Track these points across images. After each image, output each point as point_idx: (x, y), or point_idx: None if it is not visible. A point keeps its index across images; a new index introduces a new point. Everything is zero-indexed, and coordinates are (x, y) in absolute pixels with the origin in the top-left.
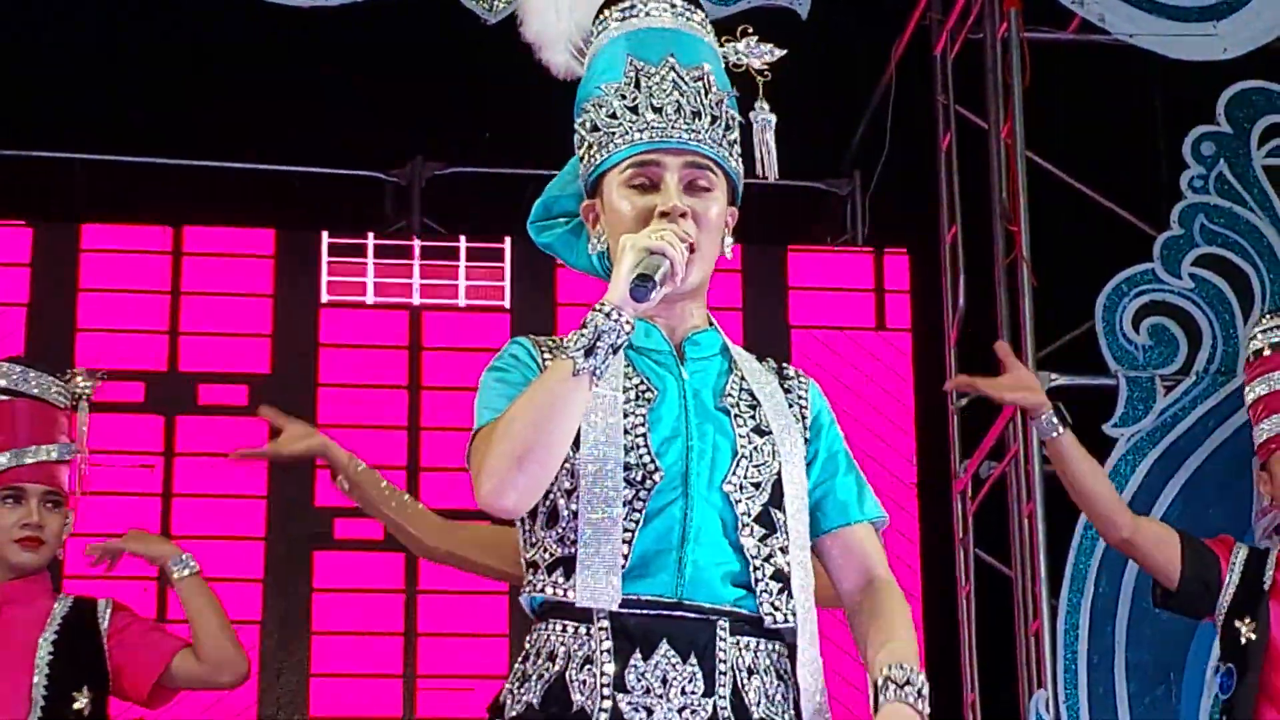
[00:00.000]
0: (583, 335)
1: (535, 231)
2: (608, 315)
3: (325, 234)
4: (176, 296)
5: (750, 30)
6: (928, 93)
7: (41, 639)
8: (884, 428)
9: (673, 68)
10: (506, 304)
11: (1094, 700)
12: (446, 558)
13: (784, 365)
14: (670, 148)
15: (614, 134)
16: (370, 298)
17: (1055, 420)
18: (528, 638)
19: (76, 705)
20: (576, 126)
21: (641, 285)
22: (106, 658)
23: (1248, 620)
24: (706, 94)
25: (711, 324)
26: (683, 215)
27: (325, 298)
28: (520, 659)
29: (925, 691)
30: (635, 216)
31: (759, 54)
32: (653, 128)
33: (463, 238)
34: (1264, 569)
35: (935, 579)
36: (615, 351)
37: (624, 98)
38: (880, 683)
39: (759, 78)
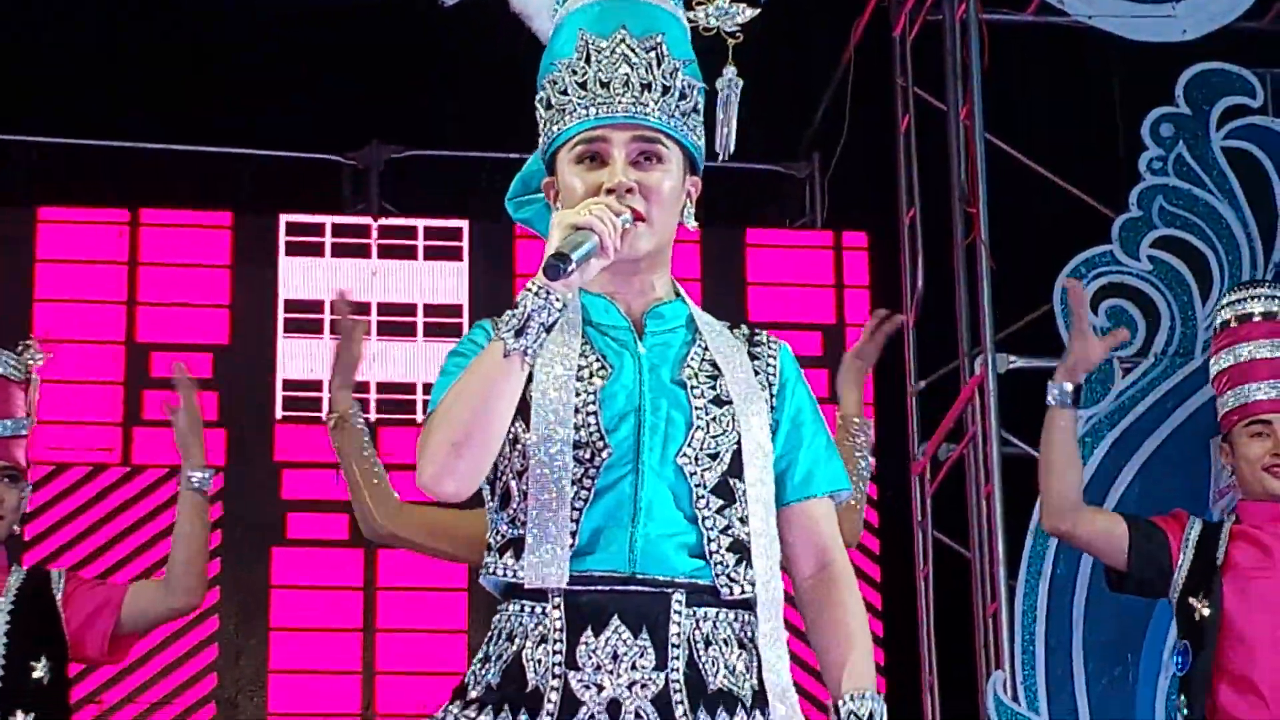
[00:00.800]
0: (514, 316)
1: (513, 208)
2: (536, 294)
3: (283, 217)
4: (134, 279)
5: None
6: (886, 75)
7: None
8: None
9: (624, 40)
10: (464, 288)
11: (1052, 681)
12: (391, 538)
13: (756, 332)
14: (617, 123)
15: (564, 111)
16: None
17: (1071, 392)
18: (494, 618)
19: (35, 674)
20: (536, 104)
21: (555, 264)
22: (63, 625)
23: (1201, 597)
24: (659, 64)
25: (678, 294)
26: (628, 191)
27: (283, 283)
28: (485, 640)
29: (884, 716)
30: (584, 192)
31: (730, 15)
32: (599, 103)
33: (420, 221)
34: (1217, 544)
35: (894, 561)
36: (548, 330)
37: (574, 73)
38: (844, 717)
39: (730, 40)
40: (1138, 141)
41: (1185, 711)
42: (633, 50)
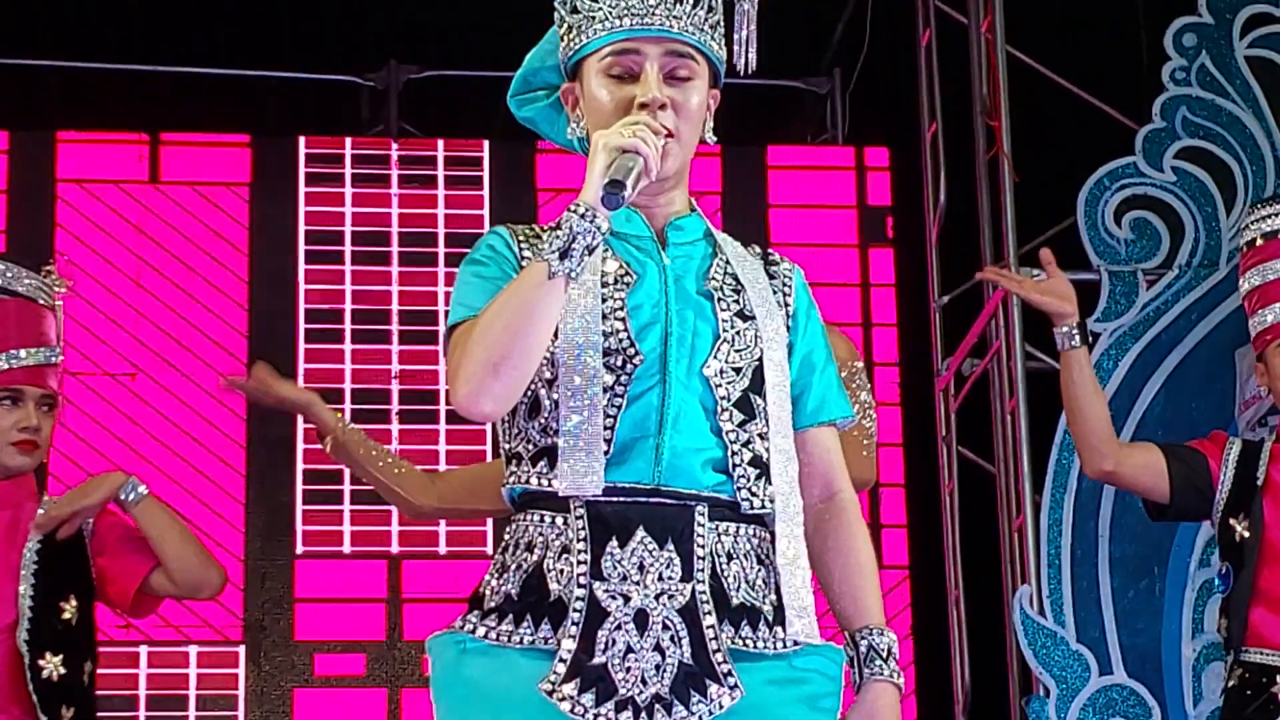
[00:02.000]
0: (557, 237)
1: (515, 105)
2: (582, 216)
3: (302, 139)
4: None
5: None
6: None
7: (26, 548)
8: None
9: None
10: (485, 210)
11: (1078, 595)
12: (436, 512)
13: (769, 252)
14: (651, 35)
15: (594, 18)
16: (349, 207)
17: (1075, 332)
18: (506, 529)
19: (65, 615)
20: (556, 3)
21: (613, 192)
22: (91, 564)
23: (1241, 518)
24: None
25: (694, 209)
26: (662, 107)
27: (303, 205)
28: (499, 550)
29: (895, 651)
30: (614, 106)
31: None
32: (633, 13)
33: (440, 142)
34: (1257, 464)
35: (918, 477)
36: (590, 252)
37: None
38: (864, 652)
39: None
40: (1160, 52)
41: (1224, 634)
42: None
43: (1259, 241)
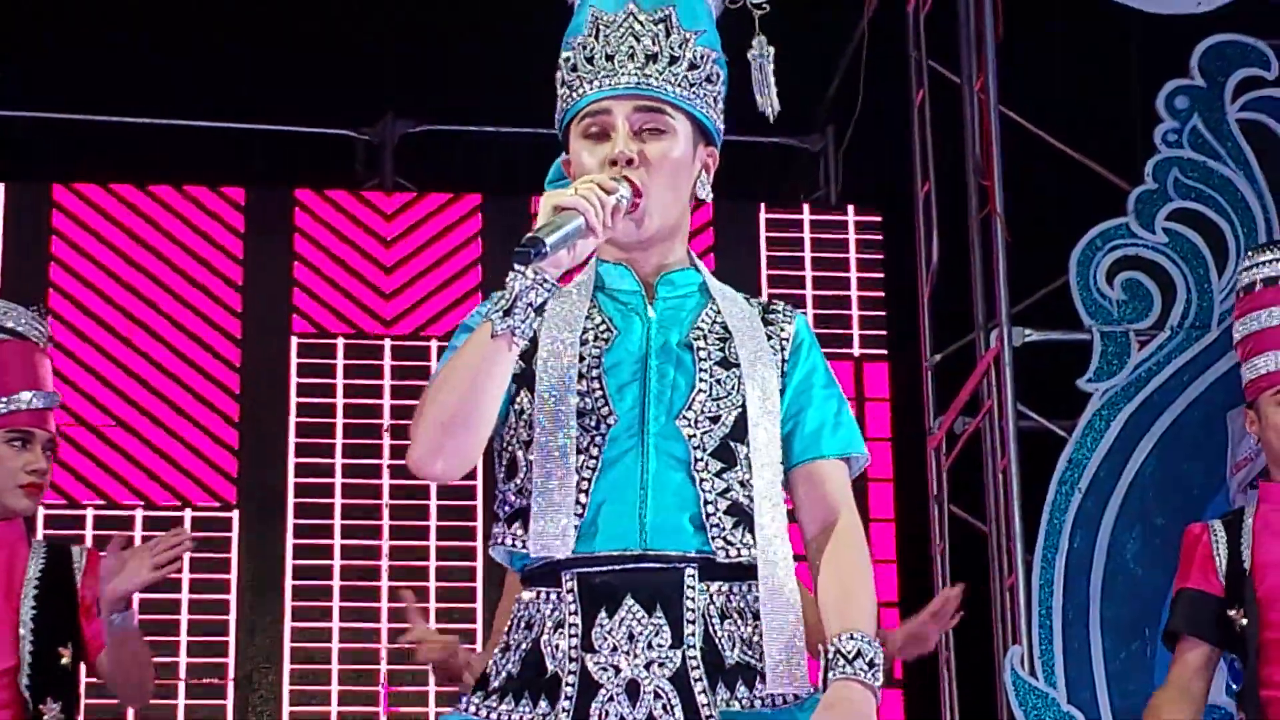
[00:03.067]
0: (502, 296)
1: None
2: (523, 274)
3: (298, 193)
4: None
5: None
6: (900, 48)
7: (24, 593)
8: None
9: (632, 14)
10: (479, 261)
11: (1069, 656)
12: None
13: (772, 303)
14: (619, 94)
15: (572, 87)
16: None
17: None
18: (514, 607)
19: (63, 661)
20: (557, 83)
21: (525, 250)
22: (79, 608)
23: (1238, 608)
24: (667, 35)
25: (693, 263)
26: (629, 162)
27: (297, 257)
28: (505, 630)
29: (879, 660)
30: (592, 166)
31: None
32: (603, 76)
33: (434, 195)
34: (1240, 545)
35: (909, 536)
36: (538, 311)
37: (584, 49)
38: (830, 657)
39: (755, 12)
40: (1152, 114)
41: None
42: (640, 23)
43: (1257, 287)
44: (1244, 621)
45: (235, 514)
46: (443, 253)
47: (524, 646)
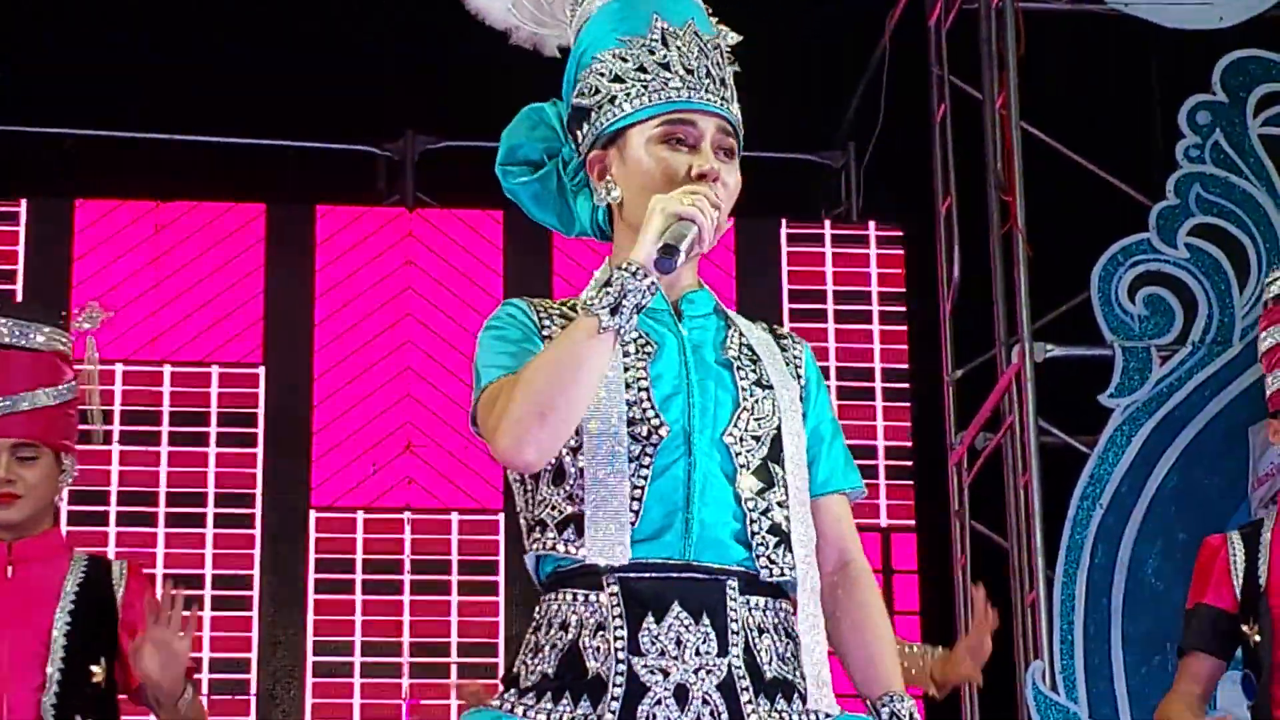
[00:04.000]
0: (608, 292)
1: (503, 174)
2: (634, 274)
3: (319, 209)
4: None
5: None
6: (922, 64)
7: (58, 610)
8: (880, 399)
9: (695, 32)
10: (500, 277)
11: (1090, 671)
12: None
13: (775, 326)
14: (707, 110)
15: (646, 87)
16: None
17: None
18: (536, 609)
19: (95, 679)
20: (586, 74)
21: (666, 256)
22: (119, 623)
23: (1252, 623)
24: (723, 64)
25: (702, 285)
26: (715, 179)
27: (320, 273)
28: (531, 630)
29: (917, 716)
30: (666, 173)
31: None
32: (690, 87)
33: (456, 211)
34: (1258, 561)
35: (931, 551)
36: (638, 312)
37: (652, 53)
38: (885, 717)
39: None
40: (1174, 129)
41: None
42: (703, 43)
43: None
44: (1257, 638)
45: (256, 537)
46: (464, 267)
47: (560, 647)
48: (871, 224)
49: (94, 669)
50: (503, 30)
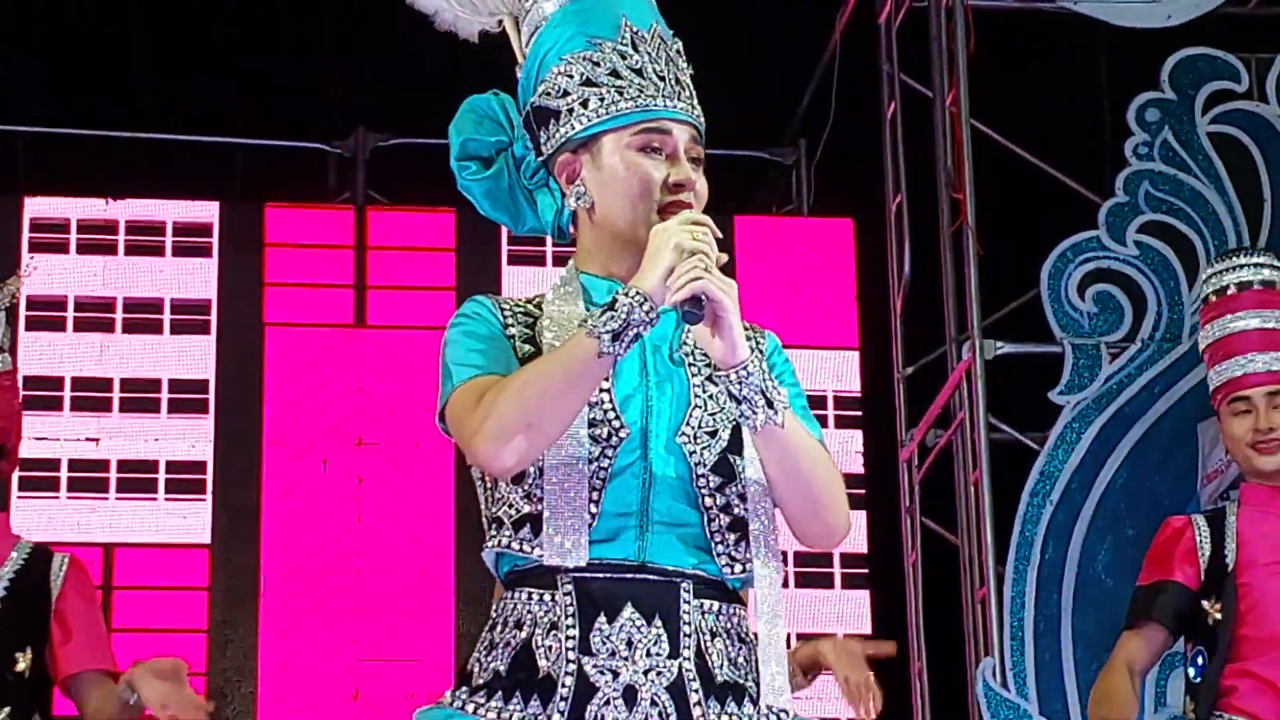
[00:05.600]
0: (613, 317)
1: (457, 170)
2: (640, 304)
3: (268, 206)
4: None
5: None
6: (872, 61)
7: None
8: (830, 396)
9: (660, 37)
10: (452, 276)
11: (1040, 666)
12: None
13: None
14: (680, 119)
15: (622, 93)
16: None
17: None
18: (494, 606)
19: (18, 667)
20: (553, 74)
21: (695, 311)
22: (51, 617)
23: (1214, 601)
24: (685, 68)
25: None
26: (691, 188)
27: (269, 274)
28: (487, 628)
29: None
30: (645, 184)
31: None
32: (665, 95)
33: (408, 208)
34: (1224, 541)
35: (882, 548)
36: (637, 340)
37: (624, 58)
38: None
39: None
40: (1123, 127)
41: (1192, 716)
42: (669, 50)
43: (1214, 296)
44: (1218, 615)
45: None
46: (416, 267)
47: (513, 645)
48: (821, 221)
49: (18, 656)
50: (430, 14)
